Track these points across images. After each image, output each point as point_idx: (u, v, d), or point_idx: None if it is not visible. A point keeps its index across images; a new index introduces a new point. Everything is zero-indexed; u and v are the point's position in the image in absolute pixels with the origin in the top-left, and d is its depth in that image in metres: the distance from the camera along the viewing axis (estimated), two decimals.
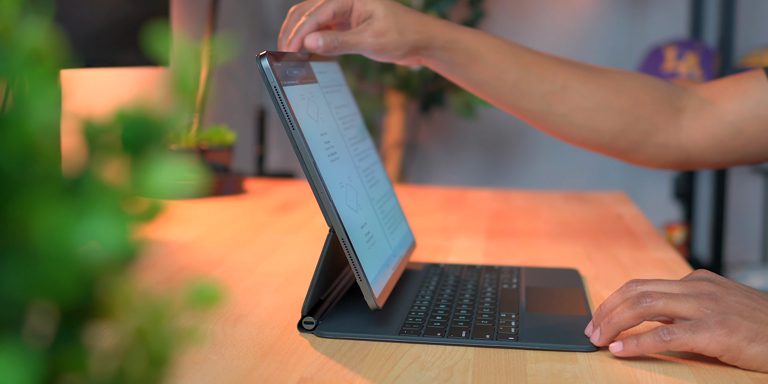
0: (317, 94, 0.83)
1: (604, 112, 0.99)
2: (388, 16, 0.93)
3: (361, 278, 0.74)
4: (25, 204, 0.28)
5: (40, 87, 0.28)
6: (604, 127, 0.99)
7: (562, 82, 0.98)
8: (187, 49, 0.30)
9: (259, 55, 0.74)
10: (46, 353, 0.29)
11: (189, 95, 0.30)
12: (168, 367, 0.31)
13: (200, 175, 1.42)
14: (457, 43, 0.97)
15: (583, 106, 0.99)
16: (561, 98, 0.98)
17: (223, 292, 0.31)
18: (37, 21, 0.29)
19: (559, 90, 0.98)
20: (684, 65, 2.45)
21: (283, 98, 0.73)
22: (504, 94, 0.98)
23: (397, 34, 0.94)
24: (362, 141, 0.93)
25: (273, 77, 0.73)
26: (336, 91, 0.91)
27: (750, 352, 0.66)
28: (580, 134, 1.00)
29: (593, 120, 0.99)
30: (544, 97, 0.98)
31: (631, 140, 1.00)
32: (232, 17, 2.30)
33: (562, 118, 0.99)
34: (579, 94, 0.98)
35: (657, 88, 1.01)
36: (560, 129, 1.00)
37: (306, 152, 0.73)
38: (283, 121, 0.74)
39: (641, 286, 0.72)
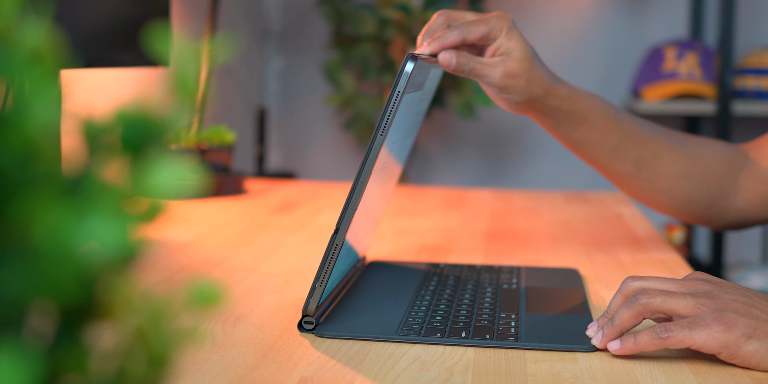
0: (415, 103, 0.84)
1: (683, 180, 1.04)
2: (524, 61, 0.94)
3: (321, 284, 0.74)
4: (25, 204, 0.28)
5: (40, 87, 0.28)
6: (680, 194, 1.04)
7: (654, 149, 1.02)
8: (187, 49, 0.30)
9: (410, 56, 0.73)
10: (46, 353, 0.29)
11: (189, 95, 0.30)
12: (168, 367, 0.31)
13: (200, 175, 1.42)
14: (573, 104, 0.99)
15: (667, 173, 1.03)
16: (650, 165, 1.03)
17: (223, 292, 0.31)
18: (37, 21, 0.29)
19: (650, 157, 1.02)
20: (684, 65, 2.45)
21: (395, 106, 0.73)
22: (601, 156, 1.02)
23: (525, 82, 0.95)
24: (404, 149, 0.93)
25: (404, 83, 0.73)
26: (426, 99, 0.92)
27: (748, 349, 0.66)
28: (659, 199, 1.05)
29: (672, 187, 1.04)
30: (636, 163, 1.02)
31: (701, 206, 1.05)
32: (232, 17, 2.30)
33: (647, 183, 1.04)
34: (666, 162, 1.03)
35: (723, 153, 1.05)
36: (642, 192, 1.05)
37: (372, 160, 0.73)
38: (378, 125, 0.73)
39: (638, 282, 0.72)
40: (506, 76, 0.94)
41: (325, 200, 1.46)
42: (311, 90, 2.74)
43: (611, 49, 2.69)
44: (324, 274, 0.75)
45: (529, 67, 0.94)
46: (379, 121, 0.73)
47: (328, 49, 2.57)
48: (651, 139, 1.03)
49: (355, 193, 0.73)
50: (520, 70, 0.94)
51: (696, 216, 1.07)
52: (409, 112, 0.83)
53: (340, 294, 0.86)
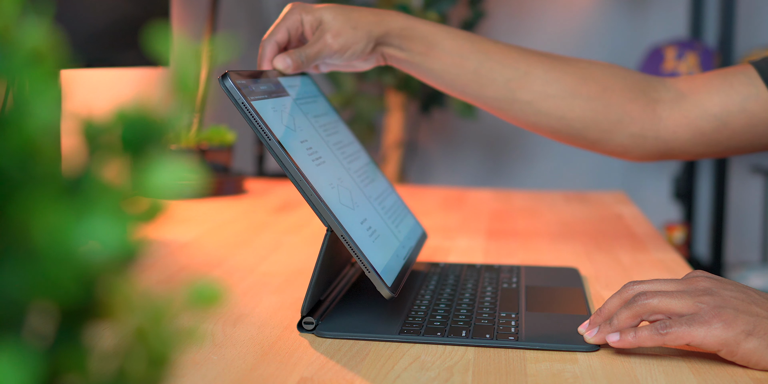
0: (291, 106, 0.83)
1: (570, 99, 0.97)
2: (338, 17, 0.95)
3: (369, 270, 0.74)
4: (25, 204, 0.28)
5: (40, 87, 0.28)
6: (572, 115, 0.98)
7: (525, 68, 0.97)
8: (187, 49, 0.30)
9: (221, 76, 0.74)
10: (46, 353, 0.29)
11: (189, 95, 0.30)
12: (168, 367, 0.31)
13: (200, 175, 1.42)
14: (413, 30, 0.97)
15: (548, 92, 0.97)
16: (524, 85, 0.97)
17: (223, 292, 0.31)
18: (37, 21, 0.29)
19: (522, 76, 0.97)
20: (684, 65, 2.45)
21: (252, 112, 0.74)
22: (466, 82, 0.98)
23: (352, 30, 0.95)
24: (349, 145, 0.93)
25: (239, 94, 0.73)
26: (312, 101, 0.91)
27: (747, 346, 0.66)
28: (548, 123, 0.99)
29: (560, 107, 0.98)
30: (507, 84, 0.97)
31: (602, 129, 0.98)
32: (232, 17, 2.30)
33: (528, 105, 0.98)
34: (543, 81, 0.97)
35: (628, 78, 0.99)
36: (527, 117, 0.99)
37: (286, 158, 0.73)
38: (258, 134, 0.74)
39: (638, 286, 0.72)
40: (335, 36, 0.94)
41: None
42: None
43: (611, 49, 2.69)
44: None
45: (346, 17, 0.95)
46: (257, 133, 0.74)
47: None
48: (519, 58, 0.98)
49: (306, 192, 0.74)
50: (340, 25, 0.94)
51: (601, 142, 1.00)
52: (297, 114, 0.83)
53: (341, 294, 0.86)
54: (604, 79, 0.98)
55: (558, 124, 0.98)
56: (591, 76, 0.98)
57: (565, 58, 1.00)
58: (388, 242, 0.82)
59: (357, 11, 0.96)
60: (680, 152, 1.00)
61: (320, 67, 0.99)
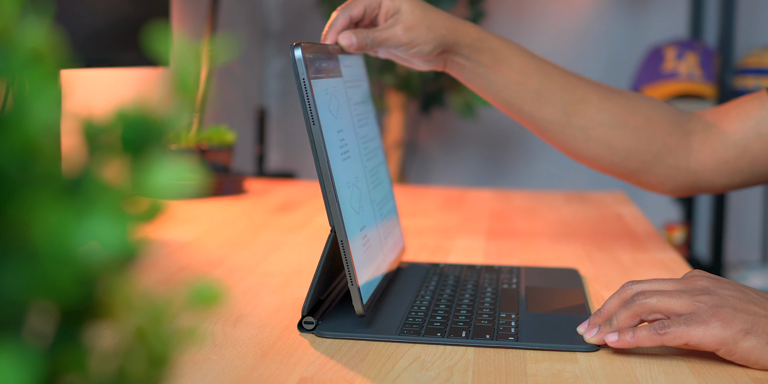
0: (340, 89, 0.83)
1: (619, 128, 1.00)
2: (416, 11, 0.95)
3: (352, 283, 0.74)
4: (25, 204, 0.28)
5: (40, 87, 0.28)
6: (618, 144, 1.00)
7: (581, 94, 1.00)
8: (187, 49, 0.30)
9: (293, 45, 0.73)
10: (46, 353, 0.29)
11: (189, 95, 0.30)
12: (168, 367, 0.31)
13: (200, 175, 1.42)
14: (484, 42, 0.98)
15: (600, 120, 1.00)
16: (579, 110, 1.00)
17: (223, 292, 0.31)
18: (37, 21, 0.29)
19: (578, 102, 0.99)
20: (684, 65, 2.45)
21: (309, 92, 0.73)
22: (526, 101, 0.99)
23: (426, 29, 0.95)
24: (373, 139, 0.93)
25: (303, 69, 0.73)
26: (357, 86, 0.91)
27: (746, 345, 0.66)
28: (595, 150, 1.01)
29: (609, 135, 1.00)
30: (564, 108, 0.99)
31: (643, 160, 1.01)
32: (232, 17, 2.30)
33: (580, 131, 1.00)
34: (597, 108, 1.00)
35: (668, 110, 1.03)
36: (577, 143, 1.01)
37: (322, 149, 0.73)
38: (305, 115, 0.73)
39: (636, 286, 0.73)
40: (406, 30, 0.94)
41: None
42: None
43: (611, 49, 2.69)
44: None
45: (424, 14, 0.95)
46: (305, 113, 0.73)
47: None
48: (578, 83, 1.00)
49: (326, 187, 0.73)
50: (416, 20, 0.94)
51: (640, 173, 1.02)
52: (341, 100, 0.83)
53: (341, 294, 0.86)
54: (649, 111, 1.01)
55: (604, 152, 1.01)
56: (638, 108, 1.01)
57: (615, 88, 1.03)
58: (375, 255, 0.82)
59: (435, 12, 0.96)
60: (708, 184, 1.03)
61: (379, 53, 0.99)
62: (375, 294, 0.80)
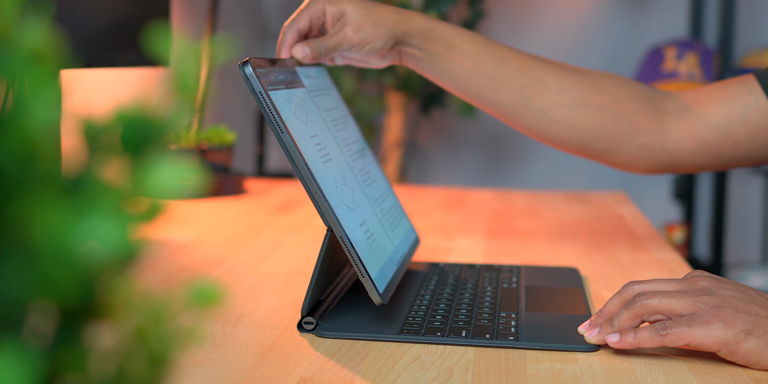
0: (305, 98, 0.83)
1: (582, 108, 0.98)
2: (360, 11, 0.95)
3: (363, 275, 0.74)
4: (25, 204, 0.28)
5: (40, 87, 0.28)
6: (583, 125, 0.99)
7: (540, 76, 0.98)
8: (187, 49, 0.30)
9: (242, 62, 0.74)
10: (46, 353, 0.29)
11: (189, 95, 0.30)
12: (168, 367, 0.31)
13: (200, 175, 1.42)
14: (433, 31, 0.98)
15: (561, 101, 0.98)
16: (539, 92, 0.98)
17: (223, 292, 0.31)
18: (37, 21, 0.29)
19: (537, 84, 0.98)
20: (684, 65, 2.45)
21: (269, 102, 0.74)
22: (481, 86, 0.99)
23: (373, 25, 0.95)
24: (355, 142, 0.93)
25: (257, 83, 0.73)
26: (324, 94, 0.91)
27: (747, 346, 0.66)
28: (559, 132, 0.99)
29: (572, 116, 0.98)
30: (522, 91, 0.98)
31: (611, 139, 0.99)
32: (232, 17, 2.30)
33: (541, 113, 0.99)
34: (557, 89, 0.98)
35: (637, 90, 1.01)
36: (540, 125, 0.99)
37: (296, 154, 0.73)
38: (272, 126, 0.74)
39: (638, 286, 0.72)
40: (355, 30, 0.94)
41: None
42: None
43: (611, 49, 2.69)
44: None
45: (368, 12, 0.95)
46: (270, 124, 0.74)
47: None
48: (534, 65, 0.99)
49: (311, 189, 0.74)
50: (362, 19, 0.95)
51: (609, 153, 1.01)
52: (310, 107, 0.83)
53: (341, 294, 0.86)
54: (615, 90, 0.99)
55: (569, 133, 0.99)
56: (603, 87, 0.99)
57: (578, 68, 1.01)
58: (384, 247, 0.82)
59: (380, 7, 0.97)
60: (685, 164, 1.01)
61: (336, 60, 0.99)
62: (393, 282, 0.80)
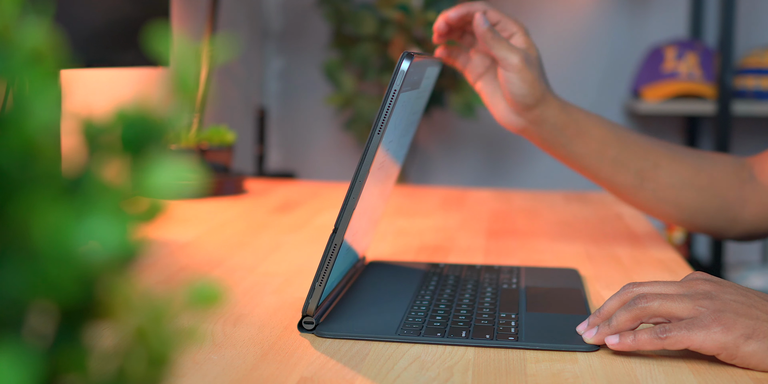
0: (411, 101, 0.84)
1: (687, 189, 1.05)
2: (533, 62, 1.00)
3: (321, 283, 0.74)
4: (25, 204, 0.28)
5: (40, 87, 0.28)
6: (685, 204, 1.06)
7: (654, 159, 1.04)
8: (187, 49, 0.30)
9: (406, 54, 0.73)
10: (46, 353, 0.29)
11: (189, 95, 0.30)
12: (168, 367, 0.31)
13: (200, 175, 1.42)
14: (569, 116, 1.02)
15: (670, 183, 1.05)
16: (653, 175, 1.04)
17: (223, 292, 0.31)
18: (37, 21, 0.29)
19: (652, 167, 1.04)
20: (684, 65, 2.45)
21: (392, 104, 0.73)
22: (602, 168, 1.04)
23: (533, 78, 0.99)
24: (403, 148, 0.94)
25: (401, 82, 0.73)
26: (423, 97, 0.92)
27: (747, 350, 0.66)
28: (665, 210, 1.06)
29: (677, 196, 1.05)
30: (638, 173, 1.04)
31: (708, 215, 1.07)
32: (232, 17, 2.30)
33: (652, 193, 1.05)
34: (667, 172, 1.05)
35: (728, 164, 1.07)
36: (648, 203, 1.06)
37: (370, 158, 0.73)
38: (376, 122, 0.73)
39: (637, 288, 0.72)
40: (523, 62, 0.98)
41: (325, 200, 1.46)
42: (311, 90, 2.74)
43: (611, 49, 2.69)
44: (323, 273, 0.75)
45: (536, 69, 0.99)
46: (376, 120, 0.73)
47: (328, 49, 2.57)
48: (650, 149, 1.04)
49: (353, 193, 0.73)
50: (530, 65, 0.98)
51: (704, 227, 1.08)
52: (405, 111, 0.83)
53: (340, 294, 0.86)
54: (712, 169, 1.06)
55: (672, 211, 1.06)
56: (703, 167, 1.06)
57: (682, 148, 1.07)
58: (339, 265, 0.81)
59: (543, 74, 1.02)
60: (763, 232, 1.08)
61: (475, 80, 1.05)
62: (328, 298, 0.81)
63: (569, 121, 1.01)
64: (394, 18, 2.36)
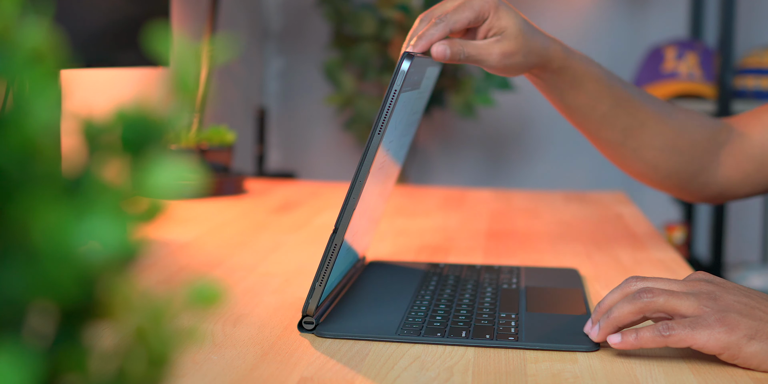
0: (412, 101, 0.83)
1: (668, 152, 1.04)
2: (518, 37, 0.92)
3: (321, 283, 0.74)
4: (25, 204, 0.28)
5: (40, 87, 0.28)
6: (663, 166, 1.05)
7: (642, 117, 1.02)
8: (187, 49, 0.30)
9: (406, 55, 0.73)
10: (46, 353, 0.29)
11: (189, 95, 0.30)
12: (168, 367, 0.31)
13: (200, 175, 1.42)
14: (567, 69, 0.98)
15: (652, 144, 1.03)
16: (637, 134, 1.03)
17: (223, 292, 0.31)
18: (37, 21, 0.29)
19: (638, 125, 1.02)
20: (684, 65, 2.45)
21: (392, 104, 0.73)
22: (591, 122, 1.02)
23: (522, 57, 0.93)
24: (403, 147, 0.93)
25: (401, 82, 0.73)
26: (423, 97, 0.91)
27: (749, 350, 0.66)
28: (641, 169, 1.05)
29: (657, 158, 1.04)
30: (623, 131, 1.02)
31: (681, 178, 1.06)
32: (232, 17, 2.30)
33: (632, 152, 1.04)
34: (652, 132, 1.03)
35: (707, 127, 1.05)
36: (626, 161, 1.05)
37: (370, 159, 0.73)
38: (376, 123, 0.73)
39: (641, 282, 0.72)
40: (503, 56, 0.92)
41: (325, 200, 1.46)
42: (311, 90, 2.74)
43: (611, 49, 2.69)
44: (323, 273, 0.75)
45: (525, 42, 0.92)
46: (376, 120, 0.73)
47: (328, 49, 2.57)
48: (640, 107, 1.02)
49: (353, 193, 0.73)
50: (516, 48, 0.92)
51: (676, 188, 1.07)
52: (406, 111, 0.83)
53: (340, 294, 0.86)
54: (693, 132, 1.04)
55: (649, 172, 1.05)
56: (685, 130, 1.04)
57: (670, 107, 1.05)
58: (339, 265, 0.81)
59: (534, 37, 0.93)
60: (732, 194, 1.07)
61: None
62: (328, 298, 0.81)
63: (566, 74, 0.97)
64: (394, 18, 2.36)
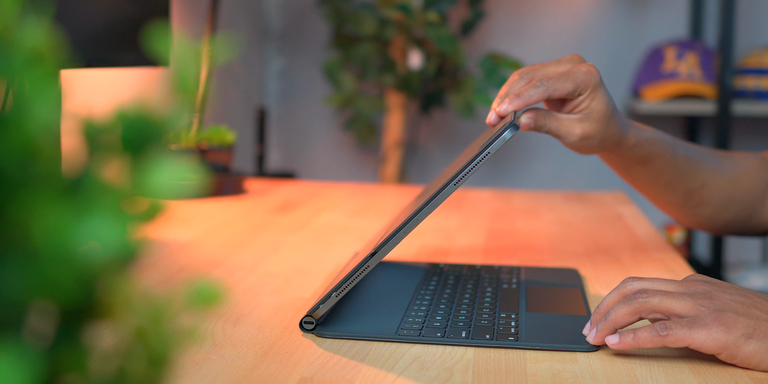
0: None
1: (724, 205, 1.06)
2: (601, 122, 0.91)
3: (338, 294, 0.75)
4: (25, 204, 0.28)
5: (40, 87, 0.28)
6: (720, 219, 1.07)
7: (702, 179, 1.04)
8: (187, 49, 0.30)
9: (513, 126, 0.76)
10: (46, 353, 0.29)
11: (189, 95, 0.30)
12: (168, 367, 0.31)
13: (200, 175, 1.42)
14: (637, 150, 0.98)
15: (711, 201, 1.05)
16: (698, 195, 1.05)
17: (223, 292, 0.31)
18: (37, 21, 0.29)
19: (699, 188, 1.04)
20: (684, 65, 2.45)
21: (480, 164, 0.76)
22: (654, 188, 1.04)
23: (598, 142, 0.93)
24: None
25: (498, 147, 0.76)
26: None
27: (747, 349, 0.66)
28: (700, 222, 1.08)
29: (715, 213, 1.07)
30: (685, 193, 1.04)
31: (737, 225, 1.08)
32: (232, 17, 2.30)
33: (692, 210, 1.06)
34: (710, 190, 1.05)
35: (759, 170, 1.07)
36: (686, 217, 1.08)
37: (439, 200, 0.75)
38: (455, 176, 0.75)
39: (638, 283, 0.72)
40: (583, 138, 0.91)
41: (325, 200, 1.46)
42: (311, 90, 2.74)
43: (611, 49, 2.69)
44: (344, 287, 0.75)
45: (606, 127, 0.92)
46: (458, 172, 0.75)
47: (328, 49, 2.57)
48: (699, 168, 1.04)
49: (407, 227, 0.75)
50: (596, 131, 0.91)
51: (731, 231, 1.10)
52: None
53: (341, 294, 0.86)
54: (747, 181, 1.07)
55: (707, 223, 1.08)
56: (739, 180, 1.07)
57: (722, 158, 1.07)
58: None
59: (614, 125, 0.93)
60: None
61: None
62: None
63: (636, 156, 0.98)
64: (394, 18, 2.36)
